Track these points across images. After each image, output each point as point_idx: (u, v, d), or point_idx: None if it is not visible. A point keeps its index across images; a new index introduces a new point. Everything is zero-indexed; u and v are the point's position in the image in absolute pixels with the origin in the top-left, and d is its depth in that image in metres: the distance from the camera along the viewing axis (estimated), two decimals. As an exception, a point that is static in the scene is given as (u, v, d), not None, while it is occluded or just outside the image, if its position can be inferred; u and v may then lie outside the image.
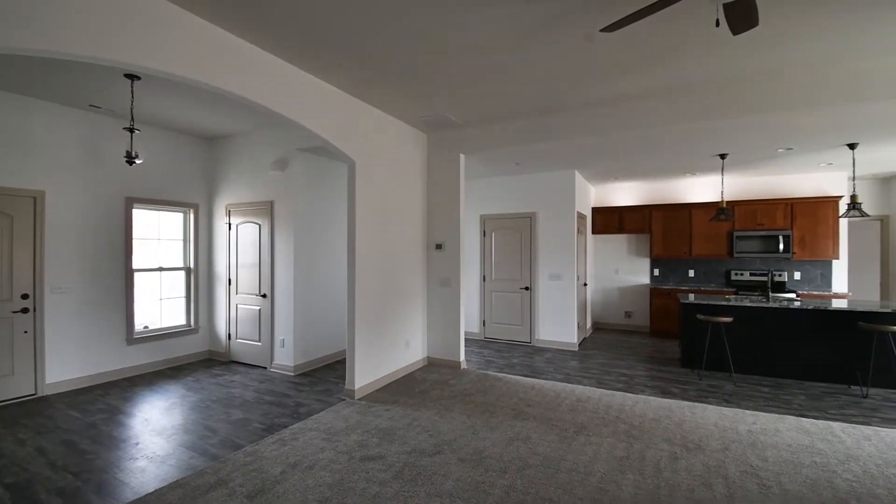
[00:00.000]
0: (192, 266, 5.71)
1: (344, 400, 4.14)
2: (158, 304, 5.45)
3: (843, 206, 6.60)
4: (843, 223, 6.62)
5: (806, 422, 3.64)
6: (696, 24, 2.85)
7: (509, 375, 4.99)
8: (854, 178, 6.01)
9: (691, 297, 5.62)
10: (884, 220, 7.18)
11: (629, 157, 5.72)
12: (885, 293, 7.19)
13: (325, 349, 5.47)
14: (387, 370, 4.68)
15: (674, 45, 3.15)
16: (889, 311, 4.47)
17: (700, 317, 5.00)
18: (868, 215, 5.16)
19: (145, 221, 5.34)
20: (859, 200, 5.84)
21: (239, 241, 5.53)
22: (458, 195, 5.27)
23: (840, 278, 6.71)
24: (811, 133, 4.54)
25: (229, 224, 5.62)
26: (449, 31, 2.95)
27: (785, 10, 2.69)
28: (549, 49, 3.20)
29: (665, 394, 4.41)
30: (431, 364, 5.41)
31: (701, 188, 7.62)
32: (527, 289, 6.79)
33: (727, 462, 2.94)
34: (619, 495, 2.53)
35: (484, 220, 7.18)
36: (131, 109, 4.02)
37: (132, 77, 3.68)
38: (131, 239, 5.03)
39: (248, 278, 5.43)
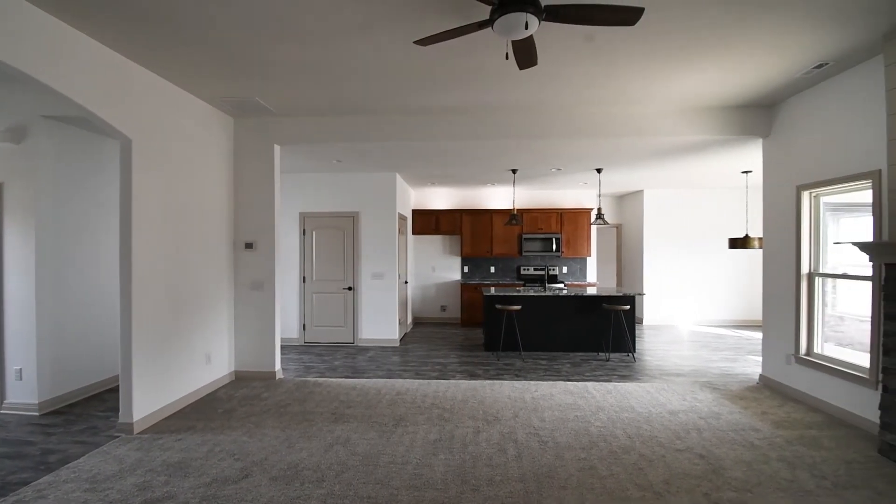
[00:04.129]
0: None
1: (118, 437, 3.34)
2: None
3: (593, 216, 8.59)
4: (594, 229, 8.63)
5: (571, 385, 4.59)
6: (493, 55, 3.27)
7: (330, 379, 4.85)
8: (600, 195, 7.89)
9: (492, 290, 6.48)
10: (619, 228, 9.65)
11: (441, 165, 6.23)
12: (619, 282, 9.68)
13: (91, 376, 4.32)
14: (180, 392, 3.98)
15: (477, 70, 3.56)
16: (621, 294, 6.02)
17: (498, 306, 5.82)
18: (608, 223, 6.85)
19: None
20: (603, 212, 7.74)
21: (-65, 238, 3.90)
22: (272, 189, 4.85)
23: (592, 271, 8.72)
24: (572, 158, 5.76)
25: (-85, 213, 3.91)
26: (263, 7, 2.68)
27: (559, 58, 3.33)
28: (372, 50, 3.22)
29: (472, 376, 4.96)
30: (241, 378, 4.84)
31: (499, 197, 8.86)
32: (350, 289, 6.73)
33: (517, 428, 3.48)
34: (432, 476, 2.73)
35: (304, 217, 6.80)
36: None
37: None
38: None
39: (-47, 290, 3.87)
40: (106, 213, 4.48)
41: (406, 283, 7.82)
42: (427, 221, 8.51)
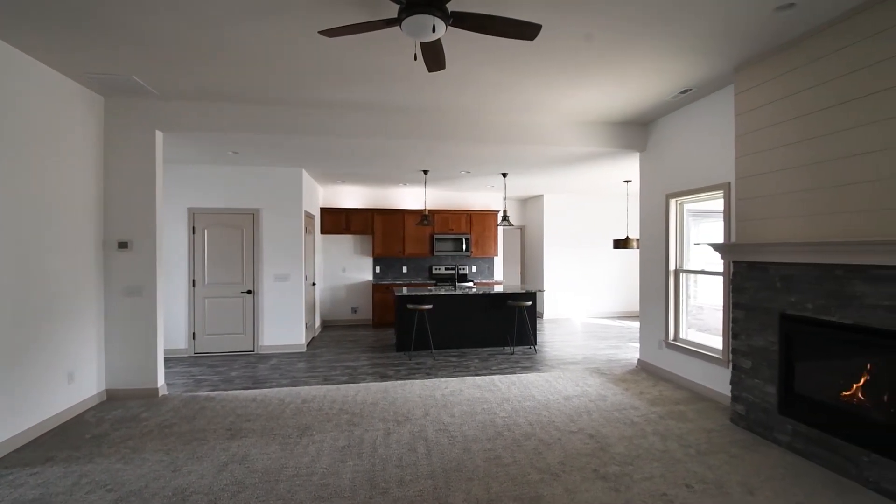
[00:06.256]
0: None
1: (-59, 480, 2.71)
2: None
3: (499, 218, 9.03)
4: (500, 230, 9.07)
5: (479, 379, 4.77)
6: (403, 55, 3.26)
7: (226, 392, 4.44)
8: (505, 198, 8.32)
9: (405, 290, 6.47)
10: (522, 229, 10.26)
11: (351, 162, 6.07)
12: (523, 280, 10.29)
13: None
14: (34, 419, 3.34)
15: (386, 68, 3.52)
16: (524, 292, 6.40)
17: (409, 306, 5.83)
18: (513, 225, 7.24)
19: None
20: (508, 214, 8.17)
21: None
22: (153, 182, 4.29)
23: (499, 270, 9.16)
24: (480, 162, 5.99)
25: None
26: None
27: (466, 63, 3.42)
28: (274, 35, 3.00)
29: (383, 378, 4.90)
30: (114, 398, 4.21)
31: (411, 197, 8.89)
32: (250, 292, 6.23)
33: (427, 426, 3.51)
34: (340, 485, 2.63)
35: (193, 214, 6.13)
36: None
37: None
38: None
39: None
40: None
41: (314, 284, 7.47)
42: (337, 220, 8.22)
